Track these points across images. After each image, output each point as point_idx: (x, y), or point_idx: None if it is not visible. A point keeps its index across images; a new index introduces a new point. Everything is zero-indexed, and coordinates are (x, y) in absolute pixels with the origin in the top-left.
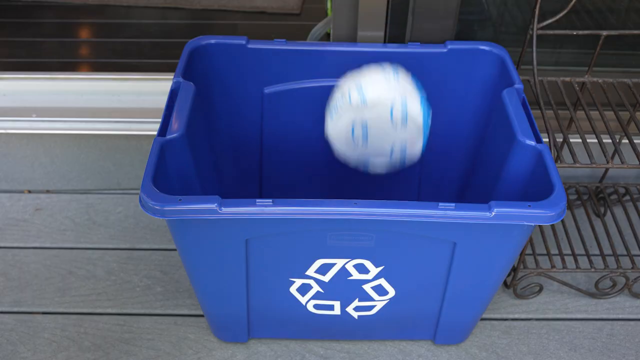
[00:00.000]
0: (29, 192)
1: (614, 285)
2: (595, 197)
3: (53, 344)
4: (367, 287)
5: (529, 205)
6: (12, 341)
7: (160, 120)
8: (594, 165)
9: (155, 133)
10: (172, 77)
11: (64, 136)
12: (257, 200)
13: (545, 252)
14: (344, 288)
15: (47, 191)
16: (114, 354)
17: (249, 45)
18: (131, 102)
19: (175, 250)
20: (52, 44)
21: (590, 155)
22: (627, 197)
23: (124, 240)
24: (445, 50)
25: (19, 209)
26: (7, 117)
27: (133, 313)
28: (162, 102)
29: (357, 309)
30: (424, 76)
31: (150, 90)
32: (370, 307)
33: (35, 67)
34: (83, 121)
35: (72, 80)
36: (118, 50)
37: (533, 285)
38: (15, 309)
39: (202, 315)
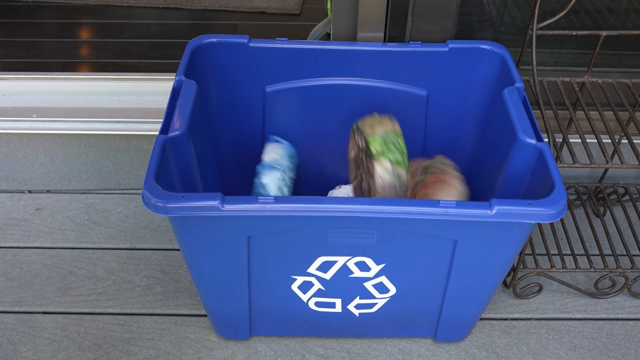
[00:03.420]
0: (29, 192)
1: (614, 285)
2: (595, 197)
3: (53, 343)
4: (369, 285)
5: (530, 203)
6: (13, 341)
7: (160, 120)
8: (593, 165)
9: (155, 133)
10: (172, 77)
11: (64, 136)
12: (259, 197)
13: (544, 252)
14: (345, 286)
15: (48, 191)
16: (114, 353)
17: (251, 44)
18: (131, 102)
19: (175, 250)
20: (52, 44)
21: (589, 155)
22: (627, 197)
23: (124, 240)
24: (446, 49)
25: (19, 209)
26: (7, 117)
27: (133, 313)
28: (162, 102)
29: (358, 306)
30: (425, 75)
31: (150, 90)
32: (372, 305)
33: (36, 67)
34: (83, 121)
35: (72, 80)
36: (118, 51)
37: (533, 285)
38: (16, 309)
39: (202, 315)
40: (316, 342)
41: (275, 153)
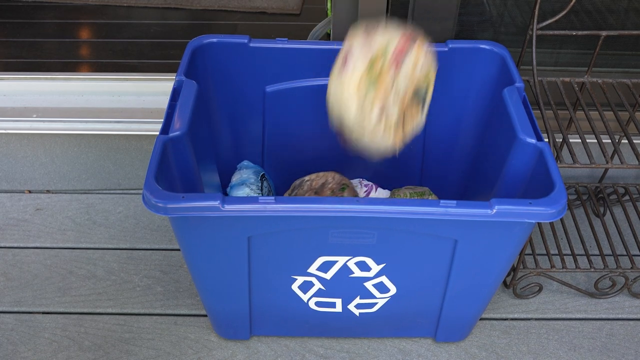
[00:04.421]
0: (29, 192)
1: (614, 285)
2: (595, 197)
3: (53, 343)
4: (369, 285)
5: (530, 203)
6: (13, 341)
7: (160, 119)
8: (593, 166)
9: (155, 133)
10: (172, 77)
11: (64, 136)
12: (260, 197)
13: (544, 252)
14: (345, 285)
15: (48, 191)
16: (114, 353)
17: (251, 44)
18: (131, 102)
19: (175, 250)
20: (52, 44)
21: (589, 156)
22: (627, 197)
23: (124, 240)
24: (446, 49)
25: (19, 209)
26: (7, 117)
27: (133, 313)
28: (162, 102)
29: (358, 306)
30: None
31: (150, 90)
32: (372, 305)
33: (35, 67)
34: (83, 121)
35: (72, 80)
36: (118, 51)
37: (533, 285)
38: (16, 309)
39: (202, 315)
40: (316, 342)
41: (242, 174)
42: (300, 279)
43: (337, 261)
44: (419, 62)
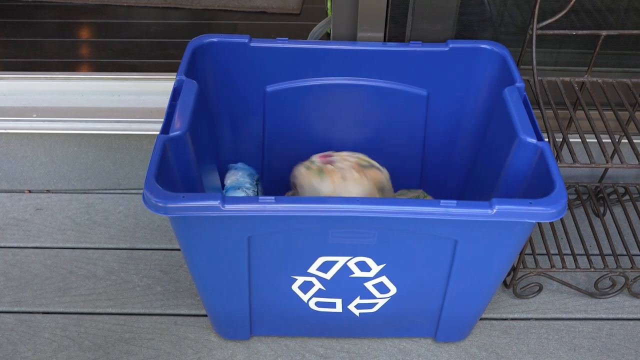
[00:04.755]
0: (29, 192)
1: (614, 285)
2: (595, 197)
3: (53, 343)
4: (369, 285)
5: (530, 203)
6: (13, 341)
7: (160, 119)
8: (593, 165)
9: (155, 133)
10: (172, 77)
11: (64, 136)
12: (260, 197)
13: (544, 252)
14: (345, 286)
15: (48, 191)
16: (114, 353)
17: (252, 44)
18: (131, 102)
19: (175, 250)
20: (52, 44)
21: (589, 155)
22: (627, 197)
23: (124, 240)
24: (446, 49)
25: (19, 208)
26: (7, 117)
27: (133, 313)
28: (162, 102)
29: (358, 306)
30: (425, 75)
31: (150, 90)
32: (372, 305)
33: (36, 67)
34: (83, 121)
35: (72, 80)
36: (118, 50)
37: (533, 285)
38: (16, 309)
39: (202, 315)
40: (316, 342)
41: (236, 176)
42: (300, 279)
43: (337, 261)
44: (345, 157)
